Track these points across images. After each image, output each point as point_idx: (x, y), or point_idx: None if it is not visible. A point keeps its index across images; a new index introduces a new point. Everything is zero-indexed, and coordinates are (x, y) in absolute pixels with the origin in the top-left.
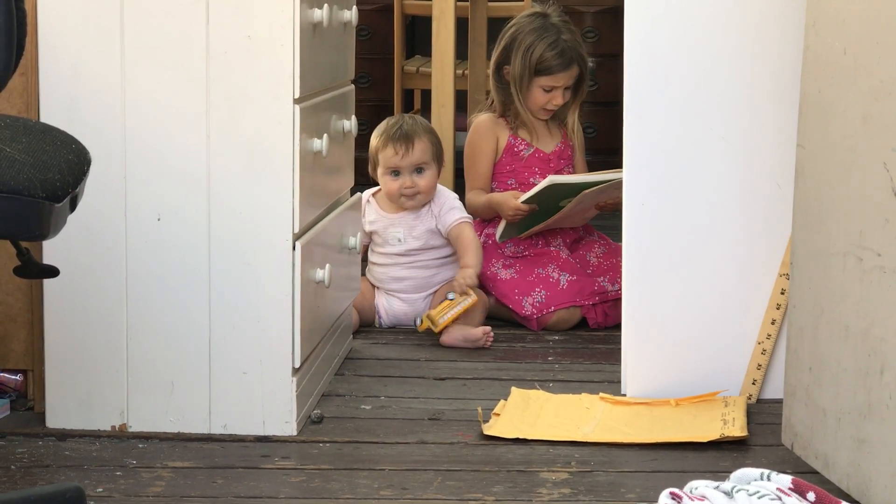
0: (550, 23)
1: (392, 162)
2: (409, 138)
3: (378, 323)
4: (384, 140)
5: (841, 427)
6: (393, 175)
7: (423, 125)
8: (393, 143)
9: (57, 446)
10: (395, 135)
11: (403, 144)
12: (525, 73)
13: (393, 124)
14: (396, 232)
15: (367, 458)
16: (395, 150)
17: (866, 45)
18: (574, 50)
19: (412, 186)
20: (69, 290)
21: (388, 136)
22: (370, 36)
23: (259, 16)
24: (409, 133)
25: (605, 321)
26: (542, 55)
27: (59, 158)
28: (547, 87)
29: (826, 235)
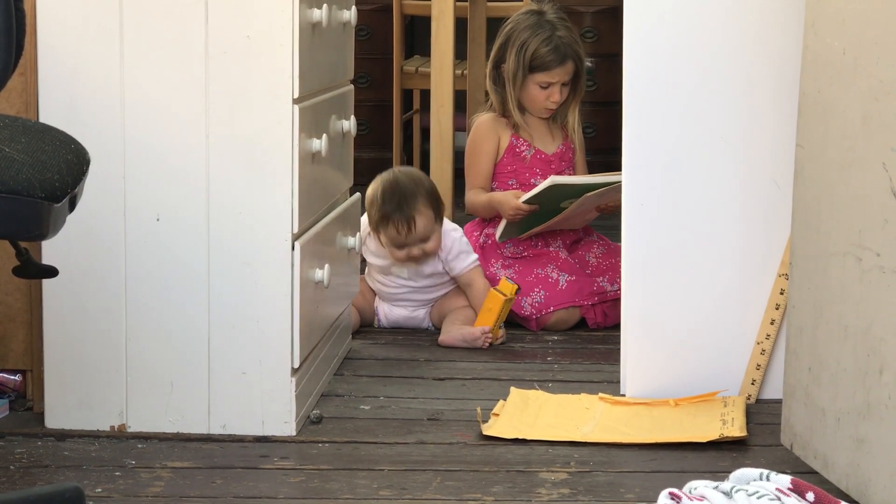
0: (545, 19)
1: (396, 241)
2: (410, 217)
3: (377, 324)
4: (383, 219)
5: (840, 427)
6: (398, 247)
7: (421, 191)
8: (394, 223)
9: (56, 446)
10: (394, 213)
11: (405, 224)
12: (520, 69)
13: (389, 196)
14: (400, 271)
15: (367, 458)
16: (397, 231)
17: (866, 45)
18: (569, 46)
19: (419, 255)
20: (68, 291)
21: (387, 215)
22: (369, 36)
23: (258, 16)
24: (409, 212)
25: (604, 321)
26: (537, 51)
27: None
28: (543, 83)
29: (825, 235)
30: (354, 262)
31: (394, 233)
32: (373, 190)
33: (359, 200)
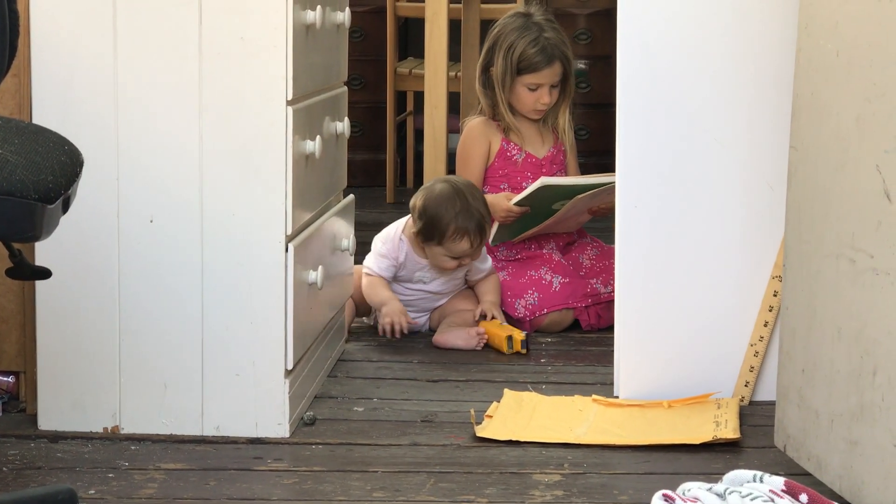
0: (532, 21)
1: (464, 252)
2: (485, 234)
3: (373, 321)
4: (461, 233)
5: (833, 429)
6: (452, 258)
7: (487, 209)
8: (470, 237)
9: (49, 448)
10: (475, 229)
11: (479, 240)
12: (507, 72)
13: (465, 213)
14: (423, 275)
15: (360, 459)
16: (471, 244)
17: (859, 48)
18: (556, 47)
19: (468, 265)
20: (62, 292)
21: (467, 232)
22: (363, 38)
23: (252, 17)
24: (485, 226)
25: (597, 323)
26: (524, 52)
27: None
28: (532, 85)
29: (819, 237)
30: (348, 263)
31: (466, 246)
32: (438, 205)
33: (352, 202)
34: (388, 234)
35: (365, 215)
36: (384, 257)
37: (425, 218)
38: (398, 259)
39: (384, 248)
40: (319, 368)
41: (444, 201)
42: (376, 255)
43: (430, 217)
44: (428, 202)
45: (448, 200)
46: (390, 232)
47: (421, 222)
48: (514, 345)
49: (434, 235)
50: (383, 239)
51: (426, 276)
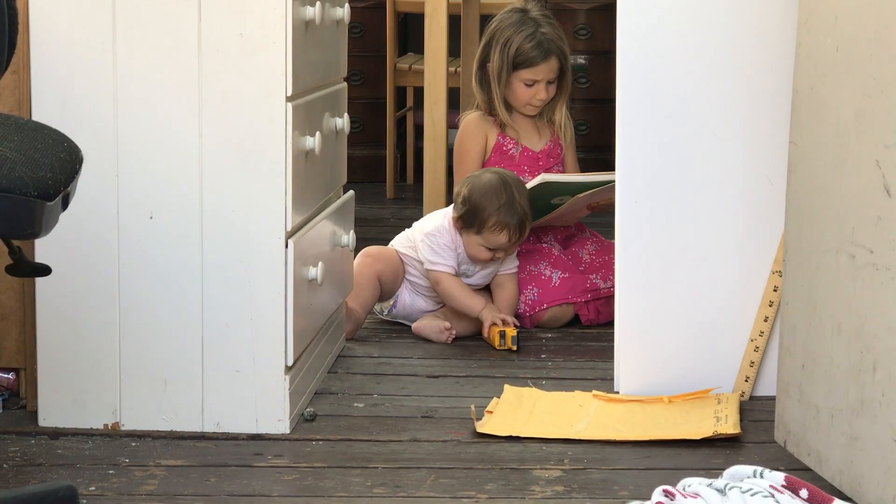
0: (529, 17)
1: (501, 245)
2: (526, 229)
3: (387, 310)
4: (502, 225)
5: (834, 424)
6: (487, 249)
7: (529, 202)
8: (510, 232)
9: (49, 445)
10: (516, 225)
11: (518, 234)
12: (503, 67)
13: (512, 210)
14: (468, 268)
15: (360, 455)
16: (509, 239)
17: (858, 43)
18: (553, 42)
19: (501, 257)
20: (61, 289)
21: (508, 226)
22: (363, 33)
23: (251, 13)
24: (526, 224)
25: (597, 318)
26: (520, 48)
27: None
28: (528, 80)
29: (819, 232)
30: (348, 259)
31: (504, 240)
32: (483, 194)
33: (352, 198)
34: (439, 224)
35: (365, 211)
36: (447, 248)
37: (469, 205)
38: (457, 249)
39: (444, 240)
40: (320, 364)
41: (490, 191)
42: (436, 246)
43: (474, 205)
44: (474, 190)
45: (494, 191)
46: (442, 223)
47: (464, 208)
48: (506, 341)
49: (474, 223)
50: (436, 233)
51: (470, 269)
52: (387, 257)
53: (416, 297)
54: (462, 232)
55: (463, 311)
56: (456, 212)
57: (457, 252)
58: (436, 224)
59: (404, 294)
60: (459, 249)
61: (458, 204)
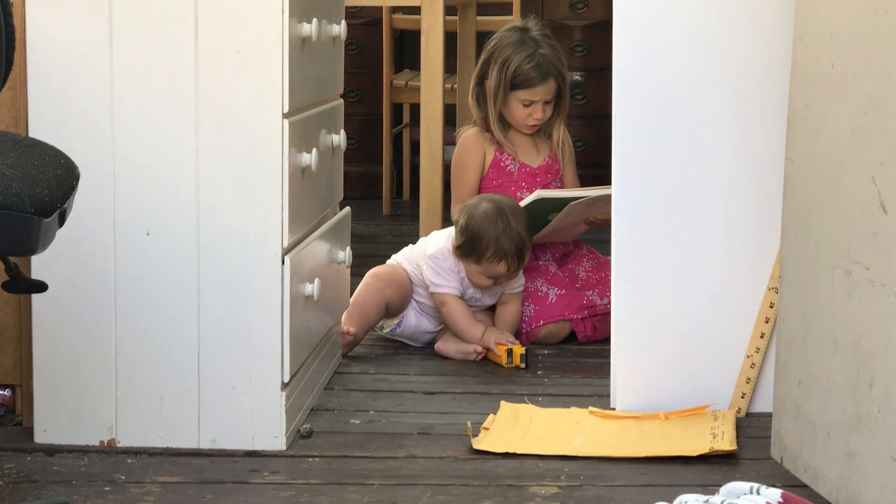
0: (529, 36)
1: (500, 274)
2: (524, 257)
3: (391, 328)
4: (499, 256)
5: (830, 440)
6: (488, 276)
7: (529, 233)
8: (508, 262)
9: (45, 461)
10: (513, 254)
11: (517, 263)
12: (501, 86)
13: (509, 239)
14: (476, 293)
15: (357, 472)
16: (507, 268)
17: (854, 59)
18: (551, 64)
19: (502, 283)
20: (58, 305)
21: (506, 255)
22: (359, 50)
23: (248, 30)
24: (525, 252)
25: (594, 335)
26: (519, 68)
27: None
28: (525, 101)
29: (815, 249)
30: (344, 276)
31: (503, 269)
32: (480, 224)
33: (349, 214)
34: (442, 247)
35: (361, 227)
36: (451, 271)
37: (466, 234)
38: (461, 273)
39: (447, 263)
40: (316, 381)
41: (486, 221)
42: (439, 269)
43: (472, 235)
44: (471, 220)
45: (490, 221)
46: (446, 245)
47: (462, 238)
48: (514, 358)
49: (473, 253)
50: (439, 255)
51: (479, 293)
52: (398, 282)
53: (422, 317)
54: (462, 260)
55: (462, 336)
56: (455, 241)
57: (460, 275)
58: (439, 247)
59: (410, 315)
60: (463, 273)
61: (457, 233)
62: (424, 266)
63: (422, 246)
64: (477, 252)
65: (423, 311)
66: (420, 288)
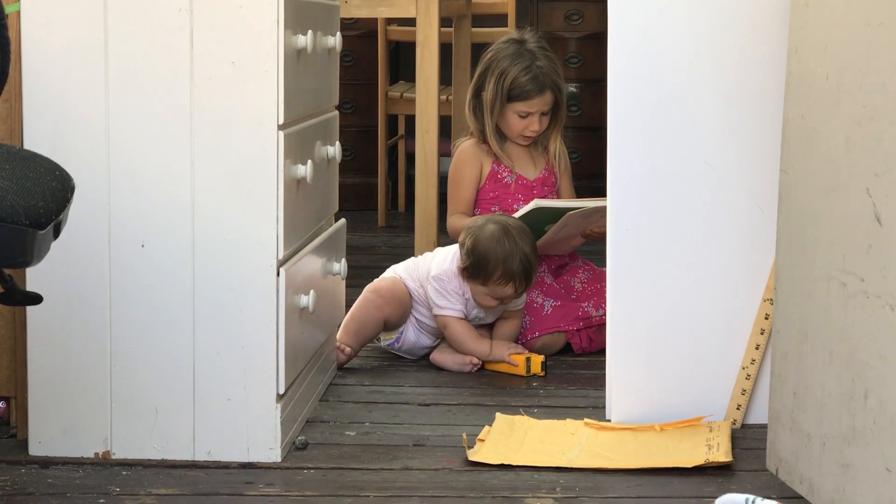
0: (526, 48)
1: (507, 295)
2: (532, 278)
3: (389, 342)
4: (507, 278)
5: (825, 452)
6: (493, 297)
7: (535, 253)
8: (516, 284)
9: (40, 474)
10: (521, 276)
11: (525, 284)
12: (498, 98)
13: (517, 261)
14: (480, 312)
15: (352, 484)
16: (515, 290)
17: (849, 71)
18: (548, 76)
19: (507, 304)
20: (53, 317)
21: (514, 277)
22: (354, 62)
23: (243, 42)
24: (532, 273)
25: (589, 346)
26: (516, 80)
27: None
28: (522, 112)
29: (810, 260)
30: (340, 287)
31: (510, 291)
32: (487, 247)
33: (344, 226)
34: (447, 269)
35: (357, 239)
36: (455, 293)
37: (473, 257)
38: (465, 294)
39: (451, 285)
40: (311, 393)
41: (492, 243)
42: (444, 291)
43: (478, 257)
44: (477, 242)
45: (497, 243)
46: (450, 267)
47: (468, 260)
48: (533, 367)
49: (480, 275)
50: (444, 277)
51: (482, 313)
52: (398, 298)
53: (421, 334)
54: (468, 282)
55: (472, 355)
56: (461, 262)
57: (465, 297)
58: (443, 268)
59: (409, 331)
60: (468, 295)
61: (463, 255)
62: (429, 287)
63: (425, 264)
64: (484, 274)
65: (422, 329)
66: (420, 306)
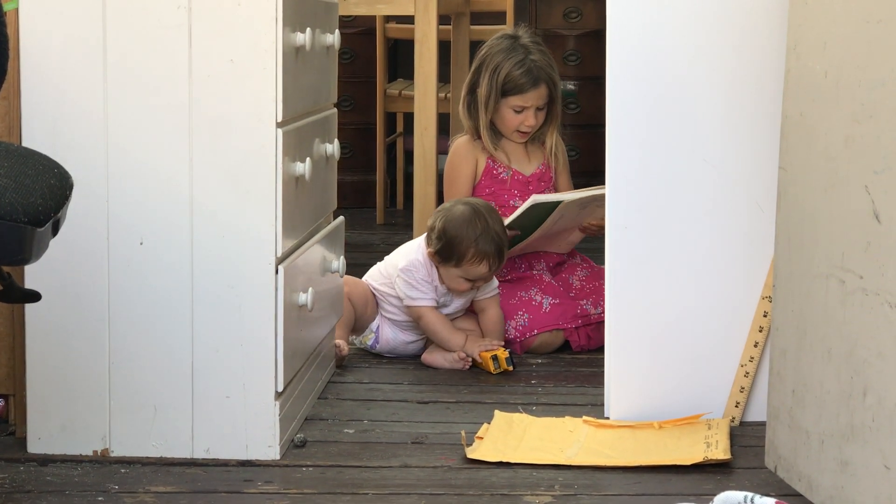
0: (520, 43)
1: (481, 275)
2: (504, 256)
3: (369, 344)
4: (480, 257)
5: (824, 449)
6: (466, 279)
7: (505, 231)
8: (489, 262)
9: (39, 472)
10: (494, 253)
11: (498, 262)
12: (492, 93)
13: (489, 239)
14: (447, 300)
15: (351, 482)
16: (489, 268)
17: (847, 69)
18: (542, 69)
19: (479, 287)
20: (51, 315)
21: (487, 256)
22: (353, 59)
23: (242, 40)
24: (504, 250)
25: (588, 344)
26: (510, 74)
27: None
28: (517, 107)
29: (808, 258)
30: (338, 285)
31: (484, 270)
32: (458, 227)
33: (342, 224)
34: (413, 259)
35: (355, 236)
36: (424, 282)
37: (444, 240)
38: (434, 282)
39: (420, 274)
40: (310, 390)
41: (464, 224)
42: (413, 281)
43: (450, 239)
44: (448, 224)
45: (468, 223)
46: (416, 257)
47: (439, 244)
48: (501, 363)
49: (452, 257)
50: (411, 268)
51: (448, 299)
52: (354, 282)
53: (398, 331)
54: (440, 266)
55: (444, 346)
56: (431, 246)
57: (434, 284)
58: (410, 259)
59: (385, 329)
60: (436, 282)
61: (433, 239)
62: (398, 280)
63: (391, 261)
64: (457, 255)
65: (396, 325)
66: (388, 305)
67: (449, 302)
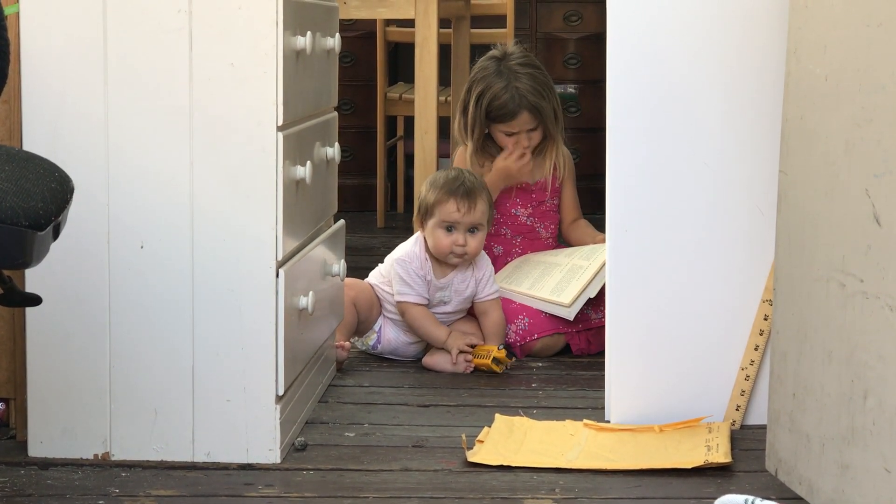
0: (506, 66)
1: (452, 217)
2: (473, 196)
3: (371, 345)
4: (444, 194)
5: (825, 453)
6: (447, 230)
7: (480, 183)
8: (456, 198)
9: (39, 475)
10: (457, 190)
11: (466, 202)
12: (478, 119)
13: (454, 178)
14: (444, 296)
15: (351, 485)
16: (457, 207)
17: (848, 72)
18: (524, 98)
19: (464, 245)
20: (52, 319)
21: (450, 191)
22: (353, 63)
23: (242, 43)
24: (472, 190)
25: (588, 348)
26: (492, 103)
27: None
28: (505, 132)
29: (809, 261)
30: (339, 288)
31: (452, 208)
32: (433, 177)
33: (343, 227)
34: (409, 250)
35: (355, 240)
36: (417, 275)
37: (422, 199)
38: (427, 277)
39: (413, 265)
40: (310, 394)
41: (438, 177)
42: (405, 274)
43: (425, 194)
44: (425, 185)
45: (442, 175)
46: (413, 249)
47: (422, 205)
48: (503, 362)
49: (428, 210)
50: (406, 259)
51: (446, 296)
52: (360, 287)
53: (400, 332)
54: (424, 230)
55: (427, 341)
56: (419, 215)
57: (427, 280)
58: (406, 250)
59: (387, 330)
60: (430, 276)
61: (418, 209)
62: (392, 272)
63: (389, 257)
64: (431, 205)
65: (398, 325)
66: (389, 304)
67: (448, 299)
